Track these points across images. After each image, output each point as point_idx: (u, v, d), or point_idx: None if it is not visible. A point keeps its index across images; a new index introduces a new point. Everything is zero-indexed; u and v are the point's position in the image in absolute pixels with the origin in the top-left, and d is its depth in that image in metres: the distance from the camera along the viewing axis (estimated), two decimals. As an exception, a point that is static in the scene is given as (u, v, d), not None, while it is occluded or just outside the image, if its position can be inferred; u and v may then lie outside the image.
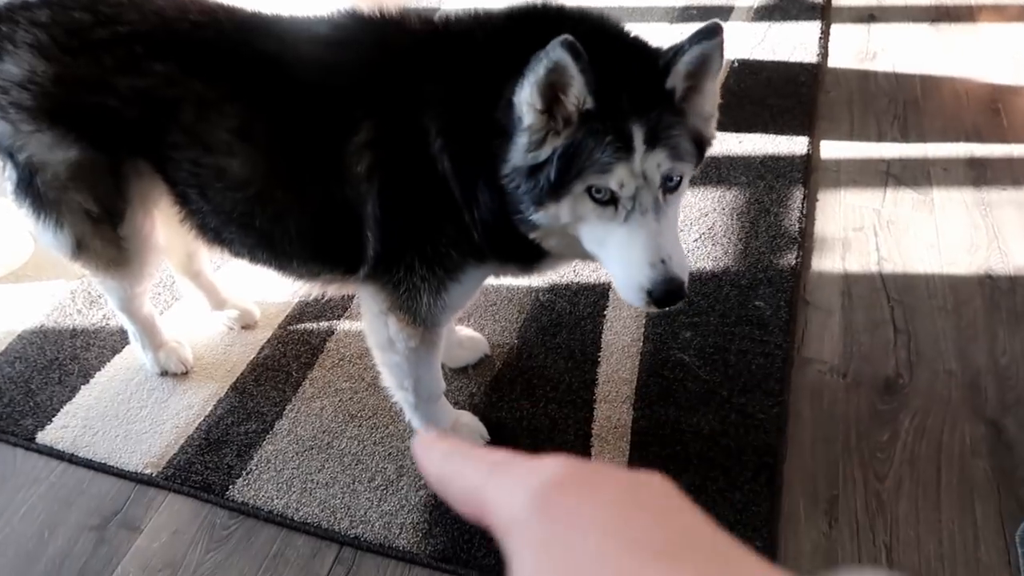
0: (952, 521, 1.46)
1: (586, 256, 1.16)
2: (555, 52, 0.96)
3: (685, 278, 1.06)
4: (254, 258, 1.39)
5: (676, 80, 1.05)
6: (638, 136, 1.02)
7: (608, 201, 1.05)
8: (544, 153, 1.04)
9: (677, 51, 1.03)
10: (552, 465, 0.32)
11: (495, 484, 0.33)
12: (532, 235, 1.14)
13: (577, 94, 1.00)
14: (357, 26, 1.23)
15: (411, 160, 1.16)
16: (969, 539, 1.43)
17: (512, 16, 1.16)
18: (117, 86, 1.23)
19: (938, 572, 1.39)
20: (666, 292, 1.04)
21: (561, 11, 1.14)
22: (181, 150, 1.26)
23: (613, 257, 1.08)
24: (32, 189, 1.34)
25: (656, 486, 0.32)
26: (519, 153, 1.06)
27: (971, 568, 1.39)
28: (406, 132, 1.15)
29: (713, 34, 1.03)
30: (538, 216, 1.09)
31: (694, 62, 1.04)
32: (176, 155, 1.27)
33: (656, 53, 1.08)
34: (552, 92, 1.01)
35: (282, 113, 1.22)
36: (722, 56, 1.06)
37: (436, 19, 1.22)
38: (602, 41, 1.07)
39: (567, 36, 0.95)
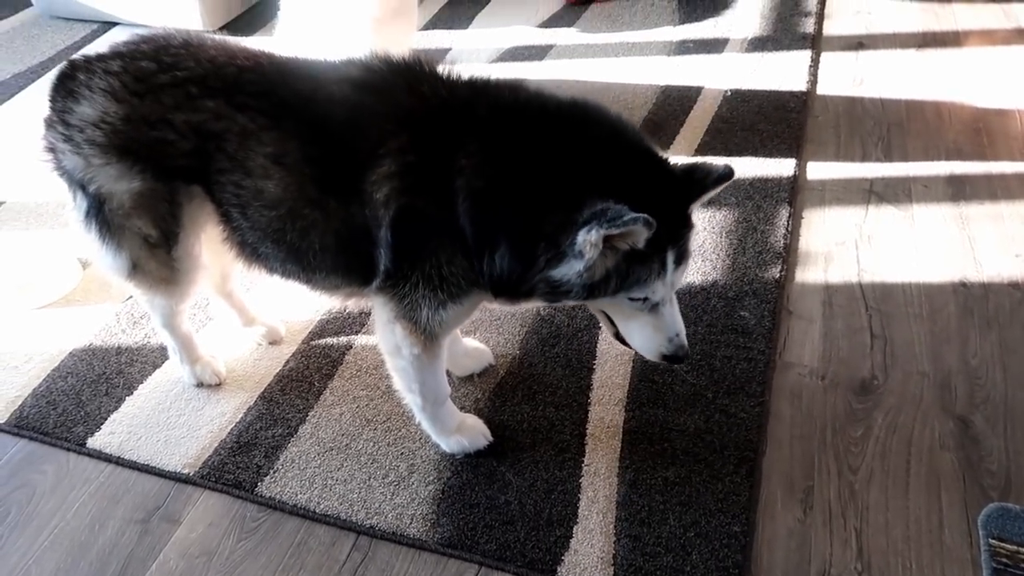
0: (919, 508, 1.58)
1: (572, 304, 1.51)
2: (637, 225, 1.17)
3: (687, 345, 1.43)
4: (285, 272, 1.57)
5: (695, 207, 1.35)
6: (671, 258, 1.31)
7: (639, 299, 1.34)
8: (598, 276, 1.28)
9: (702, 189, 1.32)
10: None
11: None
12: (549, 300, 1.38)
13: (634, 241, 1.24)
14: (388, 71, 1.41)
15: (429, 204, 1.35)
16: (935, 524, 1.55)
17: (557, 110, 1.35)
18: (175, 122, 1.43)
19: (904, 554, 1.51)
20: (678, 357, 1.42)
21: (600, 118, 1.35)
22: (226, 174, 1.45)
23: (636, 330, 1.42)
24: (100, 217, 1.54)
25: None
26: (572, 272, 1.27)
27: (936, 550, 1.51)
28: (430, 180, 1.33)
29: (729, 176, 1.33)
30: (577, 302, 1.35)
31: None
32: (222, 179, 1.46)
33: (676, 173, 1.32)
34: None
35: (311, 143, 1.41)
36: None
37: (466, 80, 1.40)
38: (635, 161, 1.31)
39: (647, 216, 1.16)
